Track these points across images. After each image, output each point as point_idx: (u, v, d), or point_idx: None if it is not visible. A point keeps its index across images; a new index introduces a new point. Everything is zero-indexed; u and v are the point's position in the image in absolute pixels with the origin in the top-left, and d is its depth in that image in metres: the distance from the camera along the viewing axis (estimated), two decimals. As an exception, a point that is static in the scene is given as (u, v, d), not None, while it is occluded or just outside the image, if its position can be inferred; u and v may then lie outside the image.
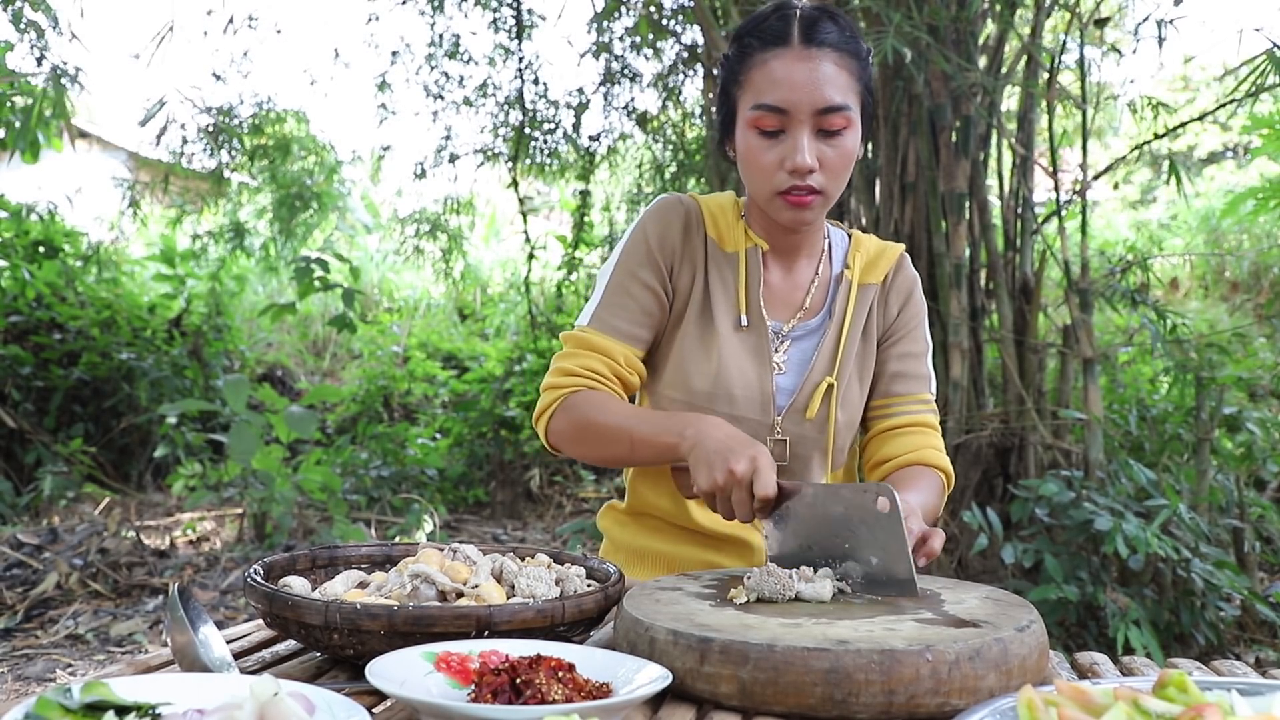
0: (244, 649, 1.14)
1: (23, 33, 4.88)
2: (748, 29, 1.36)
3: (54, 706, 0.71)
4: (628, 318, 1.43)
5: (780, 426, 1.44)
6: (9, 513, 5.38)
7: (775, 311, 1.47)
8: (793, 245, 1.48)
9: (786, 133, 1.31)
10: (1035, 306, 4.01)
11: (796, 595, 1.12)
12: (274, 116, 6.19)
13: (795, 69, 1.30)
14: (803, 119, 1.30)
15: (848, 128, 1.33)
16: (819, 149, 1.32)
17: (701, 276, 1.46)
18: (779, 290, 1.48)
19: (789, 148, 1.31)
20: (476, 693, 0.83)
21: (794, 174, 1.31)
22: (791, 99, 1.30)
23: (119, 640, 3.75)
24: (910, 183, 3.95)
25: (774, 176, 1.33)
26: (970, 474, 3.83)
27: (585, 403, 1.38)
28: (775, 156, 1.32)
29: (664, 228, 1.46)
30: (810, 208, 1.35)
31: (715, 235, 1.47)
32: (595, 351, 1.42)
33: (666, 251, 1.45)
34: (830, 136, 1.32)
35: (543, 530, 5.74)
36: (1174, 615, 3.12)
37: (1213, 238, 8.45)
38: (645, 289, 1.44)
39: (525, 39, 5.87)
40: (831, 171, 1.33)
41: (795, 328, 1.47)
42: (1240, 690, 0.73)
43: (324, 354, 8.73)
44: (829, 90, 1.30)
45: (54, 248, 6.31)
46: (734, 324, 1.44)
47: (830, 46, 1.31)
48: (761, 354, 1.44)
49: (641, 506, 1.55)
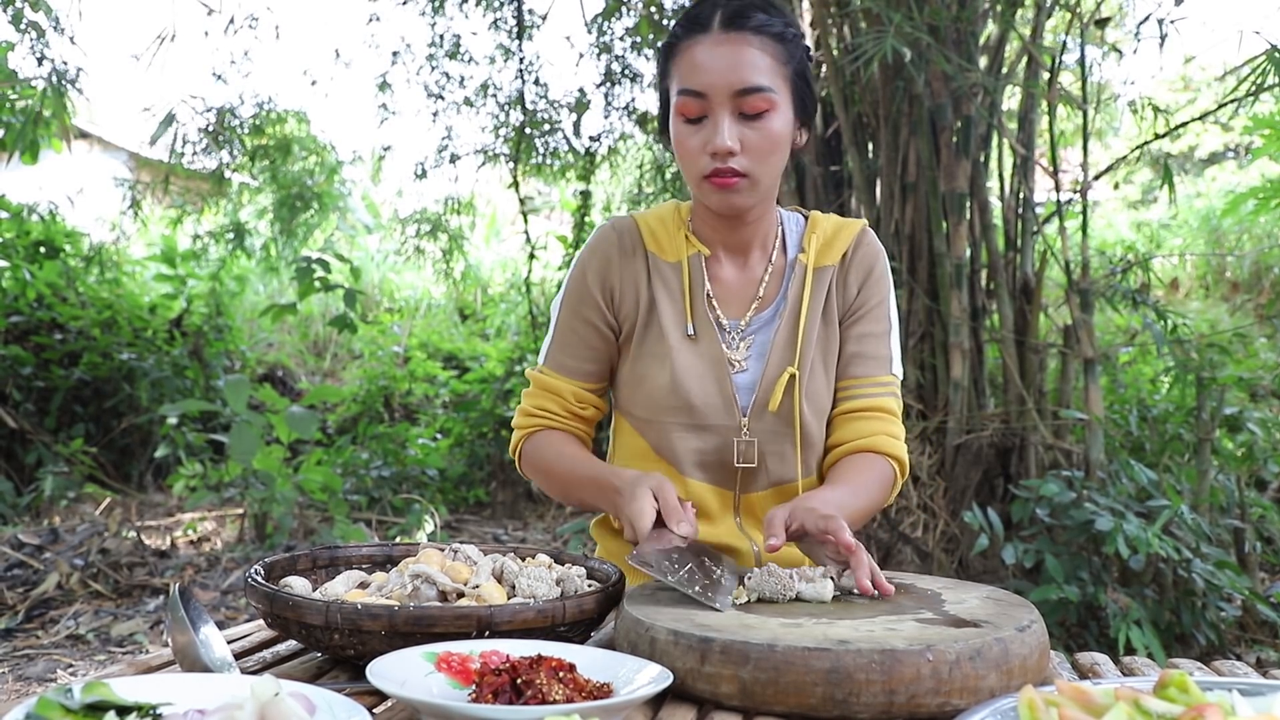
0: (245, 649, 1.14)
1: (23, 33, 4.88)
2: (677, 21, 1.38)
3: (55, 707, 0.71)
4: (575, 354, 1.48)
5: (747, 426, 1.42)
6: (10, 513, 5.38)
7: (731, 310, 1.46)
8: (743, 240, 1.47)
9: (709, 117, 1.32)
10: (1036, 306, 4.01)
11: (797, 595, 1.12)
12: (275, 117, 6.19)
13: (713, 53, 1.31)
14: (722, 101, 1.31)
15: (770, 110, 1.32)
16: (741, 132, 1.32)
17: (646, 293, 1.46)
18: (733, 287, 1.47)
19: (710, 131, 1.32)
20: (477, 693, 0.83)
21: (715, 156, 1.32)
22: (708, 82, 1.31)
23: (120, 640, 3.75)
24: (911, 183, 3.95)
25: (699, 161, 1.34)
26: (971, 474, 3.83)
27: (539, 447, 1.48)
28: (699, 141, 1.33)
29: (599, 261, 1.48)
30: (736, 190, 1.35)
31: (655, 249, 1.48)
32: (549, 392, 1.49)
33: (603, 285, 1.47)
34: (752, 119, 1.32)
35: (543, 530, 5.74)
36: (1175, 615, 3.12)
37: (1213, 238, 8.45)
38: (588, 325, 1.47)
39: (526, 39, 5.87)
40: (755, 154, 1.33)
41: (751, 323, 1.45)
42: (1241, 690, 0.73)
43: (325, 354, 8.73)
44: (746, 72, 1.30)
45: (55, 248, 6.32)
46: (682, 333, 1.44)
47: (751, 30, 1.32)
48: (715, 358, 1.43)
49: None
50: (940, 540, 3.72)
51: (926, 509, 3.80)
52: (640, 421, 1.46)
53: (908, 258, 3.98)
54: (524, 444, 1.51)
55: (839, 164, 4.23)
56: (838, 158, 4.23)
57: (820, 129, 4.18)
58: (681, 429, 1.43)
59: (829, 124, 4.19)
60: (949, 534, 3.75)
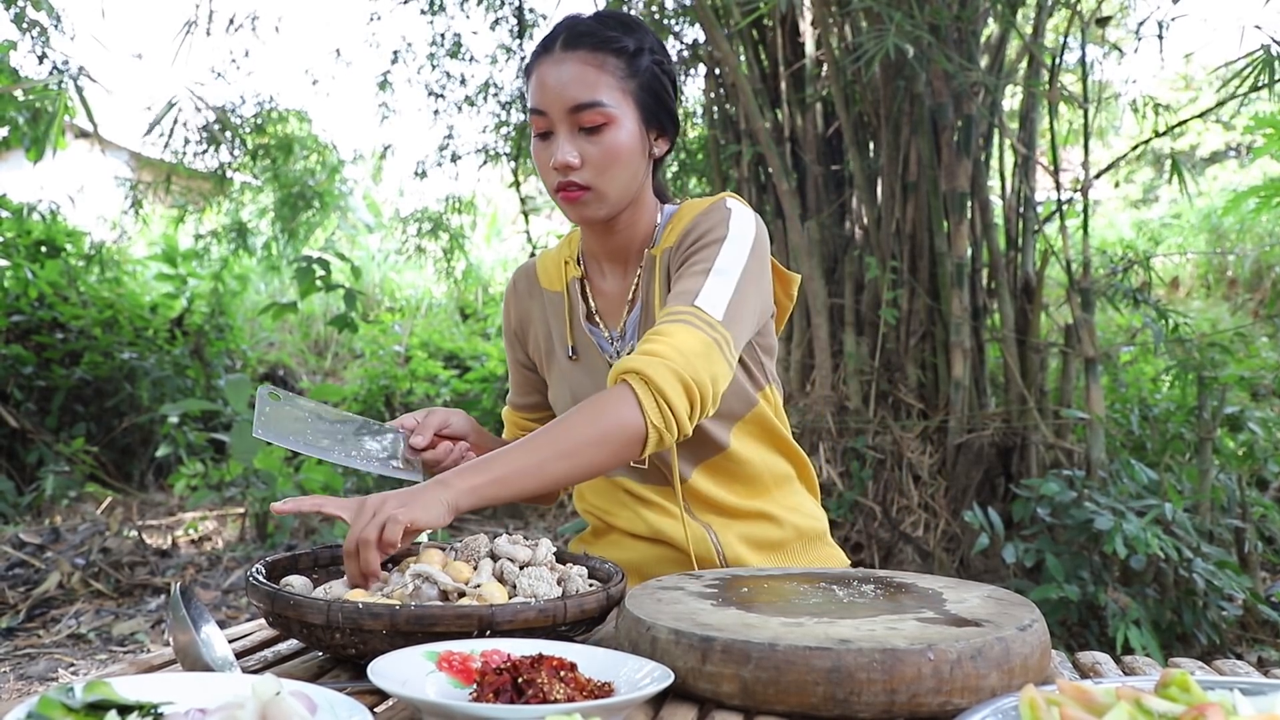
0: (246, 648, 1.14)
1: (24, 31, 4.89)
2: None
3: (56, 706, 0.71)
4: (517, 390, 1.65)
5: None
6: (11, 512, 5.38)
7: (612, 319, 1.50)
8: (618, 246, 1.48)
9: (553, 134, 1.37)
10: (1037, 306, 4.01)
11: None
12: (276, 116, 6.19)
13: (549, 73, 1.36)
14: (560, 118, 1.35)
15: (608, 124, 1.35)
16: (581, 146, 1.36)
17: (543, 329, 1.56)
18: (612, 297, 1.51)
19: (554, 147, 1.37)
20: (478, 692, 0.83)
21: (559, 171, 1.36)
22: (547, 100, 1.36)
23: (121, 640, 3.75)
24: (912, 182, 3.95)
25: (549, 177, 1.39)
26: (972, 473, 3.83)
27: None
28: (547, 157, 1.38)
29: (507, 307, 1.62)
30: (583, 203, 1.38)
31: (546, 283, 1.56)
32: (511, 425, 1.67)
33: (516, 329, 1.61)
34: (591, 134, 1.35)
35: (544, 530, 5.74)
36: (1176, 615, 3.12)
37: (1214, 237, 8.44)
38: (517, 365, 1.63)
39: (527, 38, 5.87)
40: (596, 167, 1.36)
41: (625, 326, 1.48)
42: (1243, 690, 0.73)
43: (326, 354, 8.73)
44: (575, 89, 1.34)
45: (56, 247, 6.32)
46: (566, 356, 1.51)
47: (587, 48, 1.36)
48: (597, 369, 1.48)
49: (589, 512, 1.59)
50: (941, 539, 3.72)
51: (927, 508, 3.80)
52: None
53: (909, 257, 3.98)
54: None
55: (840, 163, 4.23)
56: (839, 157, 4.23)
57: (821, 128, 4.18)
58: None
59: (830, 123, 4.19)
60: (950, 533, 3.75)
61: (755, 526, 1.48)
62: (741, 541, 1.47)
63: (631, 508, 1.51)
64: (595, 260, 1.52)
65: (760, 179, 4.28)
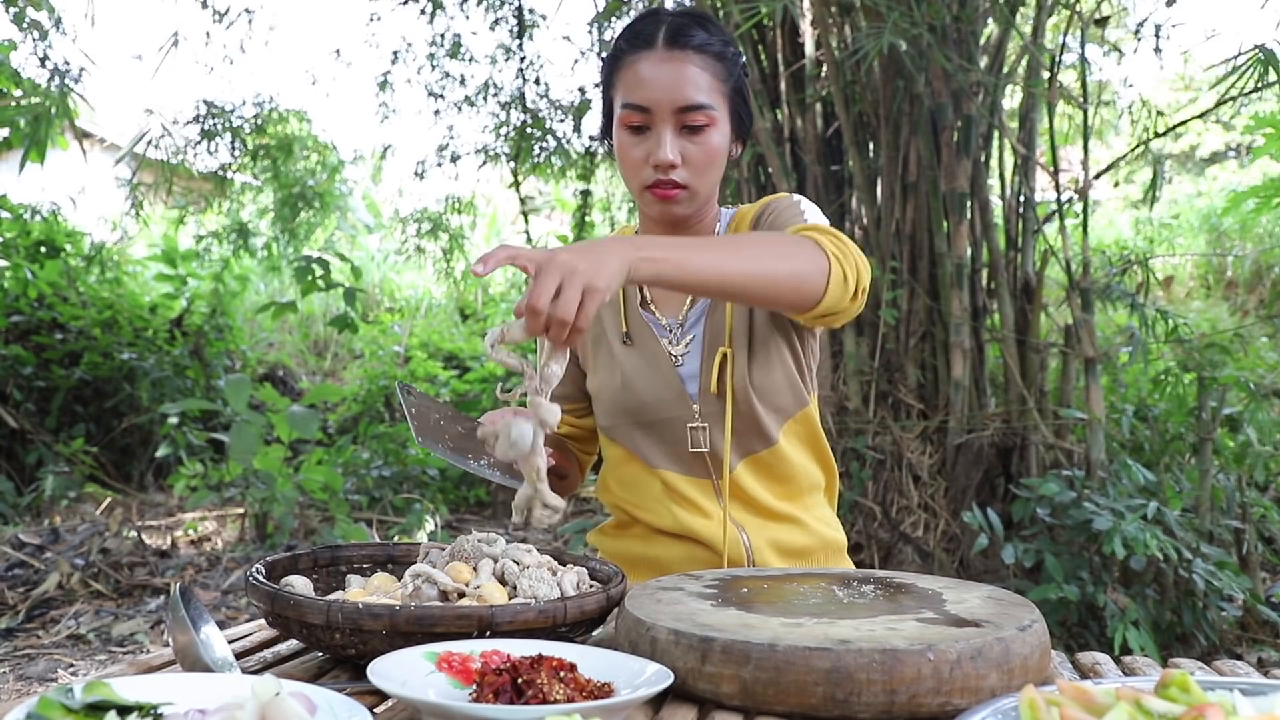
0: (246, 649, 1.14)
1: (25, 32, 4.88)
2: (621, 35, 1.45)
3: (56, 706, 0.71)
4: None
5: (699, 414, 1.48)
6: (10, 513, 5.38)
7: (669, 308, 1.53)
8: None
9: (651, 129, 1.39)
10: (1037, 306, 4.01)
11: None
12: (276, 116, 6.19)
13: (658, 70, 1.38)
14: (664, 116, 1.38)
15: (710, 126, 1.39)
16: (682, 145, 1.39)
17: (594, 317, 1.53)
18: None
19: (652, 143, 1.39)
20: (478, 693, 0.83)
21: (657, 169, 1.39)
22: (653, 97, 1.37)
23: (120, 640, 3.75)
24: (912, 182, 3.95)
25: (641, 172, 1.41)
26: (972, 474, 3.83)
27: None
28: (641, 152, 1.40)
29: None
30: (676, 201, 1.42)
31: None
32: None
33: None
34: (693, 134, 1.39)
35: (545, 530, 5.74)
36: (1176, 615, 3.12)
37: (1214, 237, 8.45)
38: None
39: (526, 39, 5.87)
40: (695, 167, 1.40)
41: (687, 316, 1.51)
42: (1243, 690, 0.73)
43: (325, 354, 8.73)
44: (688, 90, 1.37)
45: (56, 248, 6.32)
46: (620, 340, 1.53)
47: (694, 49, 1.39)
48: (655, 354, 1.50)
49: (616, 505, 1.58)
50: (941, 540, 3.72)
51: (927, 508, 3.80)
52: (608, 430, 1.55)
53: (908, 257, 3.98)
54: None
55: (840, 164, 4.23)
56: (839, 157, 4.23)
57: (821, 129, 4.18)
58: (640, 428, 1.50)
59: (830, 123, 4.19)
60: (950, 533, 3.75)
61: (785, 530, 1.50)
62: (770, 546, 1.49)
63: (663, 502, 1.51)
64: None
65: (760, 179, 4.28)
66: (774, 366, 1.48)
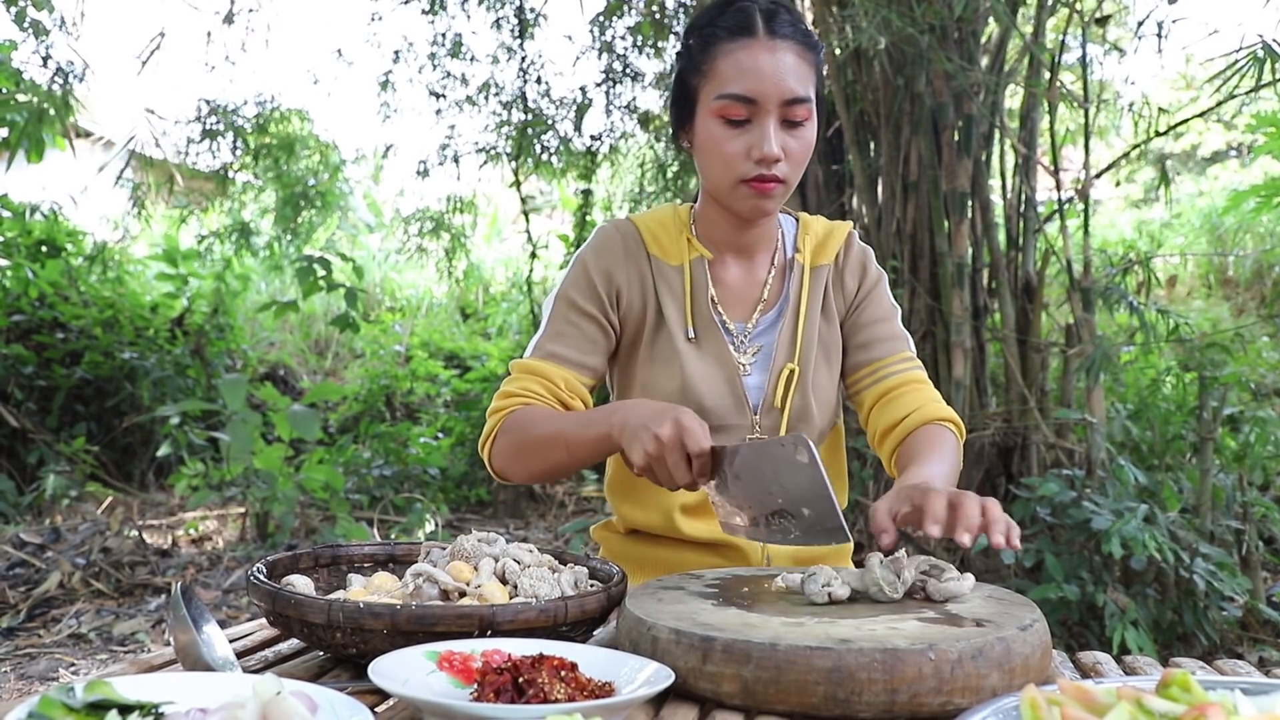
0: (247, 648, 1.14)
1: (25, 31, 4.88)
2: (708, 20, 1.38)
3: (57, 706, 0.71)
4: (569, 345, 1.44)
5: (758, 424, 1.45)
6: (12, 512, 5.38)
7: (736, 312, 1.48)
8: (749, 242, 1.49)
9: (753, 121, 1.34)
10: (1037, 305, 4.01)
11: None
12: (278, 115, 6.19)
13: (763, 59, 1.32)
14: (770, 109, 1.33)
15: (809, 119, 1.37)
16: (783, 139, 1.34)
17: (652, 296, 1.47)
18: (737, 289, 1.49)
19: (756, 137, 1.33)
20: (479, 692, 0.83)
21: (761, 163, 1.34)
22: (760, 89, 1.32)
23: (122, 639, 3.75)
24: (912, 182, 3.95)
25: (740, 165, 1.35)
26: (973, 473, 3.83)
27: (520, 419, 1.38)
28: (741, 145, 1.34)
29: (603, 258, 1.48)
30: (772, 196, 1.37)
31: (659, 252, 1.48)
32: (535, 375, 1.43)
33: (608, 282, 1.47)
34: (793, 127, 1.35)
35: (545, 530, 5.74)
36: (1177, 615, 3.11)
37: (1215, 237, 8.44)
38: (586, 317, 1.45)
39: (528, 38, 5.87)
40: (794, 161, 1.37)
41: (758, 324, 1.48)
42: (1244, 689, 0.73)
43: (326, 353, 8.73)
44: (793, 81, 1.33)
45: (57, 247, 6.32)
46: (685, 337, 1.45)
47: (792, 39, 1.35)
48: (722, 358, 1.45)
49: (630, 523, 1.56)
50: (941, 539, 3.71)
51: (928, 508, 3.79)
52: None
53: (909, 257, 3.98)
54: (500, 425, 1.40)
55: (840, 163, 4.23)
56: (839, 157, 4.23)
57: (821, 128, 4.18)
58: None
59: (830, 123, 4.19)
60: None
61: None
62: (790, 557, 1.49)
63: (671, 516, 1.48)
64: (717, 247, 1.49)
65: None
66: (823, 386, 1.48)
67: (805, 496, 1.12)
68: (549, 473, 1.38)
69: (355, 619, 0.97)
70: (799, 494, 1.12)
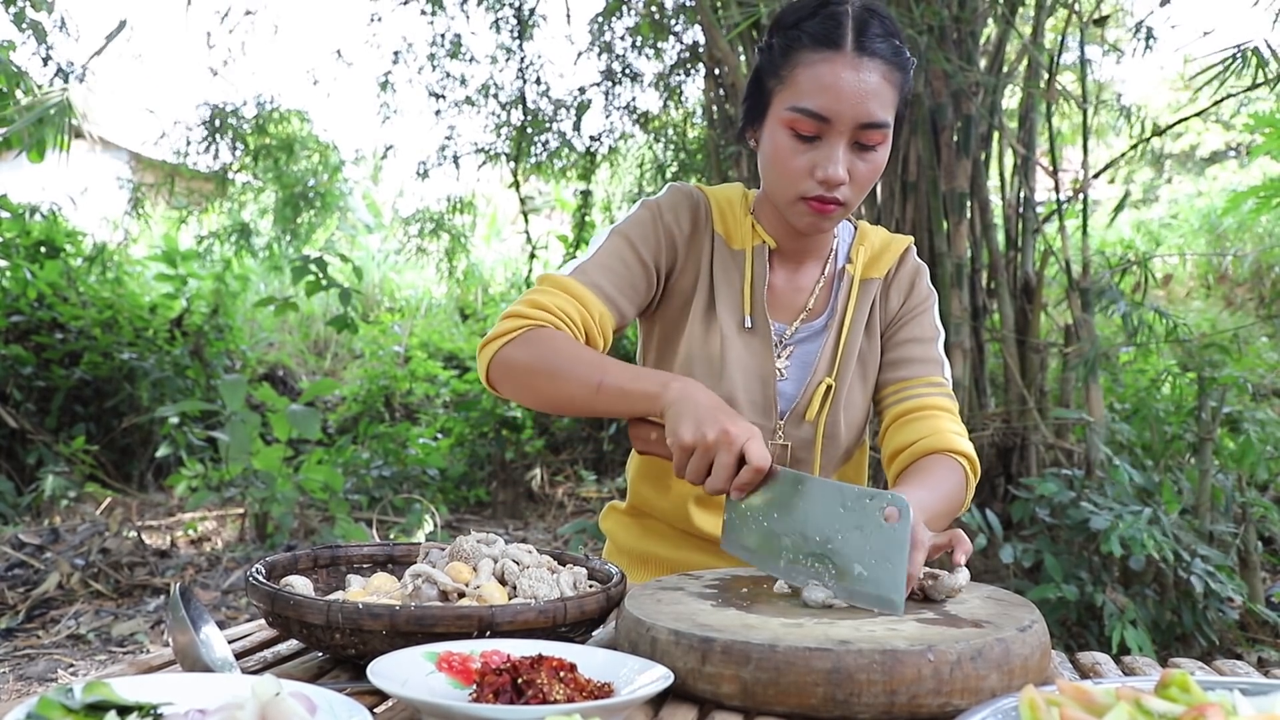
0: (245, 649, 1.14)
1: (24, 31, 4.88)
2: (795, 21, 1.29)
3: (56, 706, 0.71)
4: (613, 281, 1.36)
5: (782, 430, 1.42)
6: (10, 513, 5.38)
7: (778, 314, 1.44)
8: (801, 247, 1.45)
9: (822, 140, 1.27)
10: (1036, 306, 4.01)
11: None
12: (278, 116, 6.20)
13: (845, 78, 1.24)
14: (843, 130, 1.26)
15: (882, 143, 1.30)
16: (851, 161, 1.28)
17: (707, 275, 1.42)
18: (782, 292, 1.45)
19: (823, 156, 1.27)
20: (478, 693, 0.83)
21: (824, 184, 1.28)
22: (836, 109, 1.25)
23: (120, 640, 3.75)
24: (911, 182, 3.95)
25: (802, 182, 1.29)
26: (972, 474, 3.83)
27: (552, 337, 1.28)
28: (806, 162, 1.28)
29: (674, 215, 1.42)
30: (830, 217, 1.32)
31: (723, 231, 1.44)
32: (572, 296, 1.33)
33: (670, 239, 1.41)
34: (864, 150, 1.28)
35: (544, 530, 5.74)
36: (1176, 616, 3.11)
37: (1214, 237, 8.44)
38: (638, 261, 1.38)
39: (527, 39, 5.87)
40: (859, 185, 1.30)
41: (798, 331, 1.44)
42: (1243, 690, 0.73)
43: (325, 354, 8.73)
44: (873, 105, 1.25)
45: (56, 248, 6.32)
46: (738, 324, 1.40)
47: (881, 58, 1.26)
48: (764, 357, 1.41)
49: (642, 506, 1.54)
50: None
51: (927, 508, 3.80)
52: None
53: (909, 257, 3.98)
54: (523, 333, 1.29)
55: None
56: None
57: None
58: None
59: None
60: (950, 533, 3.74)
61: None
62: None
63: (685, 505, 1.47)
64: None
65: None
66: (855, 405, 1.46)
67: (870, 557, 1.04)
68: (556, 403, 1.28)
69: (354, 620, 0.97)
70: (863, 551, 1.05)
